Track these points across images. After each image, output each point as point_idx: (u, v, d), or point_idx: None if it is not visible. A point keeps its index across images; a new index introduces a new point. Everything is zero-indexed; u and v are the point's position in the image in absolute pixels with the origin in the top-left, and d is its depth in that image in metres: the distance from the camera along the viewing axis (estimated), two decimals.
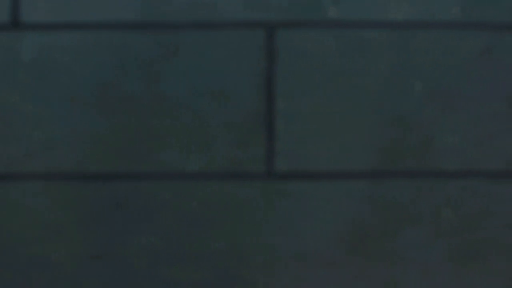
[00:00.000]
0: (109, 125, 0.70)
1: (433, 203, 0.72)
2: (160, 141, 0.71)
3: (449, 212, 0.72)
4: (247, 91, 0.71)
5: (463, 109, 0.72)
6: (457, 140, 0.72)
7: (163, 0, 0.71)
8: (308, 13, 0.72)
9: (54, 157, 0.69)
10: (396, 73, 0.72)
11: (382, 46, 0.72)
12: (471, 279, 0.72)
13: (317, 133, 0.72)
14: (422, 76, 0.72)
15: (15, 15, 0.69)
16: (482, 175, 0.72)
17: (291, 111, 0.72)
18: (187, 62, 0.71)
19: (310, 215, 0.71)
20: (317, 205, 0.71)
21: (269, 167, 0.71)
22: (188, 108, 0.71)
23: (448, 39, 0.72)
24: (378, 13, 0.72)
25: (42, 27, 0.69)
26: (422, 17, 0.72)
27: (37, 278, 0.69)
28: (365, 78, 0.72)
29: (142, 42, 0.71)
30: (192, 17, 0.71)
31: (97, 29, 0.70)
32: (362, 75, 0.72)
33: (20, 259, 0.69)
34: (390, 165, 0.72)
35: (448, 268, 0.72)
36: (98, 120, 0.70)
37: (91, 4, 0.70)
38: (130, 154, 0.71)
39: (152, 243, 0.71)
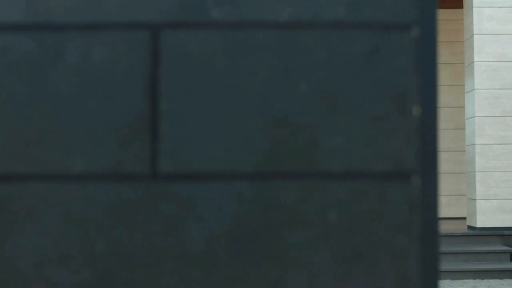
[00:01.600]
0: None
1: (319, 204, 0.71)
2: (45, 142, 0.71)
3: (335, 213, 0.71)
4: (131, 92, 0.71)
5: (349, 109, 0.71)
6: (343, 141, 0.71)
7: (47, 1, 0.71)
8: (192, 14, 0.72)
9: None
10: (281, 74, 0.71)
11: (266, 47, 0.71)
12: (357, 281, 0.71)
13: (201, 134, 0.71)
14: (307, 77, 0.71)
15: None
16: (368, 176, 0.71)
17: (176, 112, 0.71)
18: (71, 63, 0.71)
19: (194, 216, 0.71)
20: (202, 206, 0.71)
21: (153, 168, 0.71)
22: (72, 109, 0.71)
23: (333, 39, 0.71)
24: (262, 13, 0.71)
25: None
26: (307, 17, 0.71)
27: None
28: (250, 79, 0.71)
29: (26, 43, 0.71)
30: (77, 18, 0.71)
31: None
32: (246, 76, 0.71)
33: None
34: (275, 166, 0.71)
35: (334, 269, 0.71)
36: None
37: None
38: (14, 155, 0.71)
39: (36, 244, 0.71)
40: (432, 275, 0.97)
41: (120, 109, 0.71)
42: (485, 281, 7.39)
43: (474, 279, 7.47)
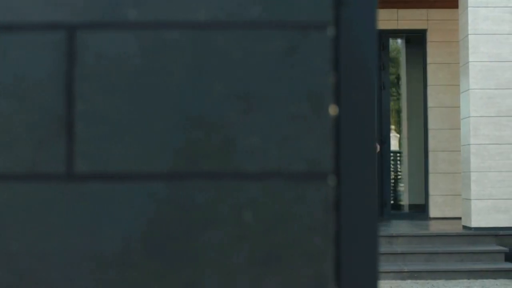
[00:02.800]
0: None
1: (234, 205, 0.71)
2: None
3: (251, 213, 0.71)
4: (47, 93, 0.71)
5: (265, 110, 0.71)
6: (258, 141, 0.71)
7: None
8: (108, 14, 0.71)
9: None
10: (197, 74, 0.71)
11: (182, 47, 0.71)
12: (272, 282, 0.71)
13: (117, 134, 0.71)
14: (223, 77, 0.71)
15: None
16: (284, 177, 0.71)
17: (91, 113, 0.71)
18: None
19: (110, 216, 0.71)
20: (117, 206, 0.71)
21: (69, 168, 0.71)
22: None
23: (249, 39, 0.71)
24: (179, 14, 0.71)
25: None
26: (223, 17, 0.71)
27: None
28: (165, 79, 0.71)
29: None
30: None
31: None
32: (162, 76, 0.71)
33: None
34: (191, 166, 0.71)
35: (250, 270, 0.71)
36: None
37: None
38: None
39: None
40: (366, 275, 0.97)
41: (36, 110, 0.71)
42: (479, 281, 7.38)
43: (468, 279, 7.46)
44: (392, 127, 11.45)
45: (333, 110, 0.72)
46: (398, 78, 11.04)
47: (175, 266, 0.71)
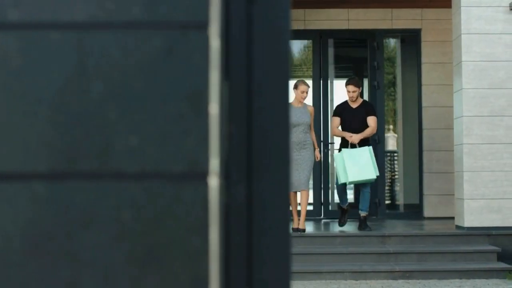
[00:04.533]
0: None
1: (113, 205, 0.71)
2: None
3: (130, 214, 0.71)
4: None
5: (145, 110, 0.71)
6: (137, 142, 0.71)
7: None
8: None
9: None
10: (77, 74, 0.71)
11: (63, 47, 0.71)
12: (151, 281, 0.71)
13: None
14: (103, 77, 0.71)
15: None
16: (163, 177, 0.71)
17: None
18: None
19: None
20: None
21: None
22: None
23: (128, 39, 0.71)
24: (59, 14, 0.71)
25: None
26: (103, 17, 0.71)
27: None
28: (45, 79, 0.71)
29: None
30: None
31: None
32: (42, 76, 0.71)
33: None
34: (70, 167, 0.71)
35: (129, 269, 0.71)
36: None
37: None
38: None
39: None
40: (278, 276, 0.97)
41: None
42: (471, 280, 7.37)
43: (461, 278, 7.45)
44: (391, 127, 11.44)
45: (212, 109, 0.72)
46: (393, 78, 11.04)
47: (55, 266, 0.71)
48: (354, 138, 8.03)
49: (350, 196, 9.79)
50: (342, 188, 8.31)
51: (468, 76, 8.28)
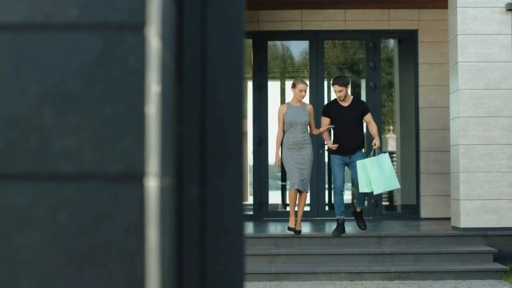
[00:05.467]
0: None
1: (50, 206, 0.71)
2: None
3: (66, 215, 0.71)
4: None
5: (81, 111, 0.71)
6: (73, 142, 0.71)
7: None
8: None
9: None
10: (14, 75, 0.71)
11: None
12: (88, 282, 0.71)
13: None
14: (39, 78, 0.71)
15: None
16: (99, 178, 0.71)
17: None
18: None
19: None
20: None
21: None
22: None
23: (65, 40, 0.71)
24: None
25: None
26: (39, 18, 0.71)
27: None
28: None
29: None
30: None
31: None
32: None
33: None
34: (6, 168, 0.71)
35: (65, 270, 0.71)
36: None
37: None
38: None
39: None
40: (232, 277, 0.97)
41: None
42: (466, 281, 7.36)
43: (456, 279, 7.44)
44: (390, 127, 11.43)
45: (149, 110, 0.72)
46: (391, 78, 11.03)
47: None
48: (378, 144, 7.79)
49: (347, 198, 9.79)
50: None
51: (464, 76, 8.28)
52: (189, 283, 0.95)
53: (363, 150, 8.09)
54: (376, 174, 7.63)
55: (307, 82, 10.15)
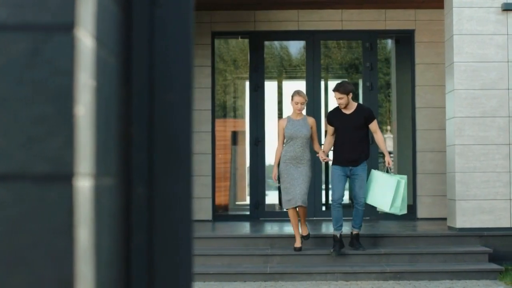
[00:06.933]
0: None
1: None
2: None
3: None
4: None
5: (9, 111, 0.71)
6: (2, 143, 0.71)
7: None
8: None
9: None
10: None
11: None
12: (16, 283, 0.71)
13: None
14: None
15: None
16: (28, 178, 0.71)
17: None
18: None
19: None
20: None
21: None
22: None
23: None
24: None
25: None
26: None
27: None
28: None
29: None
30: None
31: None
32: None
33: None
34: None
35: None
36: None
37: None
38: None
39: None
40: (180, 277, 0.97)
41: None
42: (461, 281, 7.35)
43: (451, 279, 7.44)
44: (388, 128, 11.42)
45: (79, 110, 0.72)
46: (388, 78, 11.03)
47: None
48: (390, 162, 7.27)
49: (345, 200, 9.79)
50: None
51: (460, 77, 8.27)
52: (137, 284, 0.95)
53: (365, 163, 7.51)
54: (377, 187, 7.34)
55: (303, 82, 10.17)
